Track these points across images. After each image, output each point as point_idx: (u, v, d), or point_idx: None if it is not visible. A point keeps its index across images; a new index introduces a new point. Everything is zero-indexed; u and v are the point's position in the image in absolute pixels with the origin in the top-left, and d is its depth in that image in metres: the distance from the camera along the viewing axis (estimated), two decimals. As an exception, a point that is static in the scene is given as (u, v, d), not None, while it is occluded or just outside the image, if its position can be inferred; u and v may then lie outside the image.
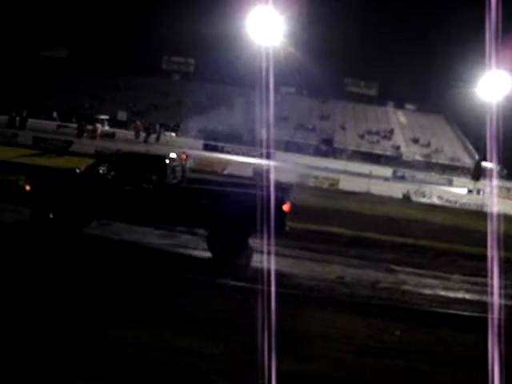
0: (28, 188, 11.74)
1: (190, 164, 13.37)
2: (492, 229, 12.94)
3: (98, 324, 7.11)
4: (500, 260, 10.65)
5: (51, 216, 11.41)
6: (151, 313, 7.74)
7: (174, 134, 55.28)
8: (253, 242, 11.88)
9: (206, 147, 50.93)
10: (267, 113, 44.91)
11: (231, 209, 11.15)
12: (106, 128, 49.78)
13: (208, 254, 11.42)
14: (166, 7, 66.31)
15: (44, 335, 6.60)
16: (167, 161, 11.70)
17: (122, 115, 60.56)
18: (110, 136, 46.85)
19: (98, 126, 45.73)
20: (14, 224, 12.18)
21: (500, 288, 9.56)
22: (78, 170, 12.17)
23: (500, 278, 9.96)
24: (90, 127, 44.43)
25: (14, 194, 13.31)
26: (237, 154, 49.35)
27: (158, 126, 51.81)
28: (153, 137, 48.66)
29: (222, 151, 49.91)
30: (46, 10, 68.04)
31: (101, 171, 11.65)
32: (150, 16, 68.64)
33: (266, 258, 11.37)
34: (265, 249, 11.00)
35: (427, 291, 10.81)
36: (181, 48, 70.61)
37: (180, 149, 29.76)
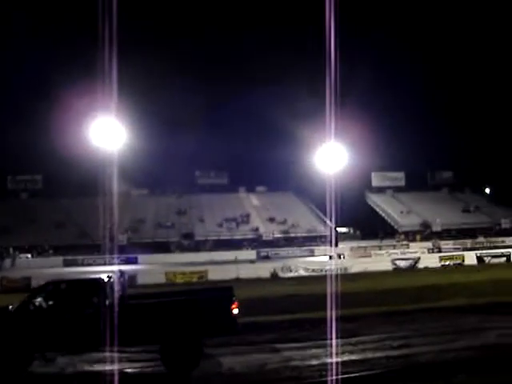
0: None
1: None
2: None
3: None
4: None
5: None
6: None
7: (29, 256, 52.05)
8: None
9: (66, 263, 49.09)
10: (115, 217, 44.34)
11: (179, 318, 10.82)
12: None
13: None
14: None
15: None
16: (105, 281, 11.12)
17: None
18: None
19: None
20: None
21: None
22: (10, 307, 11.24)
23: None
24: None
25: None
26: (98, 264, 47.52)
27: (11, 249, 48.55)
28: (7, 261, 45.54)
29: (82, 264, 48.13)
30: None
31: (37, 304, 10.95)
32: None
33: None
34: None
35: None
36: (26, 165, 67.61)
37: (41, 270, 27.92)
